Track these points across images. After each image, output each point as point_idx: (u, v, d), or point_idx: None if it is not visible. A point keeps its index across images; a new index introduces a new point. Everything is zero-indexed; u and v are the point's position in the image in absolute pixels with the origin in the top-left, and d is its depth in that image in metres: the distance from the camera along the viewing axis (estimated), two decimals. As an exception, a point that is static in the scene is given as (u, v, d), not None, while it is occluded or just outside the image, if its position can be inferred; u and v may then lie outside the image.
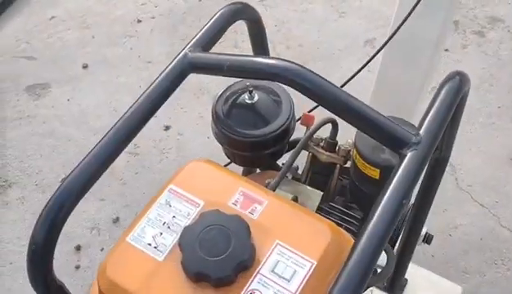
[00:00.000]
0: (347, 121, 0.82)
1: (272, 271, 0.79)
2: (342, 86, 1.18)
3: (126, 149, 2.33)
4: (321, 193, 1.00)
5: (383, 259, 1.13)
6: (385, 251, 1.15)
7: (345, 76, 1.42)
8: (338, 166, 1.02)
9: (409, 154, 0.79)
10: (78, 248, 1.94)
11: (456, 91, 0.88)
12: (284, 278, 0.78)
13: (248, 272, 0.79)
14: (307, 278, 0.78)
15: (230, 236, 0.79)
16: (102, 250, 1.94)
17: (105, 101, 2.38)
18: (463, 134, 2.14)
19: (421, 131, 0.81)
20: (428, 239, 1.56)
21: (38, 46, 2.64)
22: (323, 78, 0.84)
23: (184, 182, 0.90)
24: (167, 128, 2.27)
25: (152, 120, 2.44)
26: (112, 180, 2.12)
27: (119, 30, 2.68)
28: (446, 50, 2.42)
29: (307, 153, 1.04)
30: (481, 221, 1.90)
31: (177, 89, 2.50)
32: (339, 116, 0.83)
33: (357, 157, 0.92)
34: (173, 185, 0.89)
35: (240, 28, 1.11)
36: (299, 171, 1.13)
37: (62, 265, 1.89)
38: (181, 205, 0.87)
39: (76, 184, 0.83)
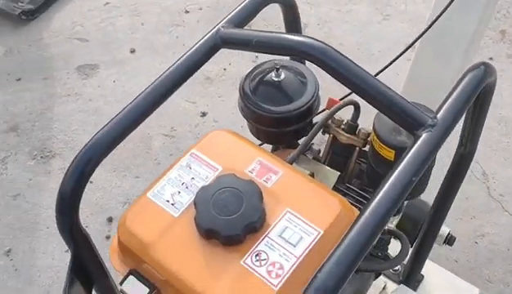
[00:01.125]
0: (365, 99, 0.85)
1: (280, 236, 0.83)
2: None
3: (163, 132, 2.41)
4: (338, 173, 1.03)
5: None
6: (400, 239, 1.17)
7: (381, 78, 1.44)
8: (357, 148, 1.05)
9: (423, 135, 0.81)
10: (110, 220, 2.02)
11: (479, 80, 0.88)
12: (290, 243, 0.82)
13: (256, 234, 0.83)
14: (312, 245, 0.82)
15: (242, 199, 0.83)
16: (132, 224, 2.02)
17: (147, 85, 2.47)
18: (499, 145, 2.11)
19: (438, 115, 0.83)
20: (450, 241, 1.55)
21: (91, 30, 2.77)
22: (346, 57, 0.87)
23: (205, 148, 0.95)
24: (203, 114, 2.33)
25: (190, 106, 2.52)
26: (147, 159, 2.21)
27: (167, 19, 2.78)
28: (491, 58, 2.38)
29: (329, 135, 1.07)
30: (509, 232, 1.86)
31: (217, 79, 2.58)
32: (358, 94, 0.86)
33: (375, 138, 0.94)
34: (195, 150, 0.94)
35: (280, 24, 1.14)
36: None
37: (94, 234, 1.97)
38: (201, 168, 0.92)
39: (104, 140, 0.90)
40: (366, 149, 1.05)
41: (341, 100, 1.16)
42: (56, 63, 2.65)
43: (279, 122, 1.04)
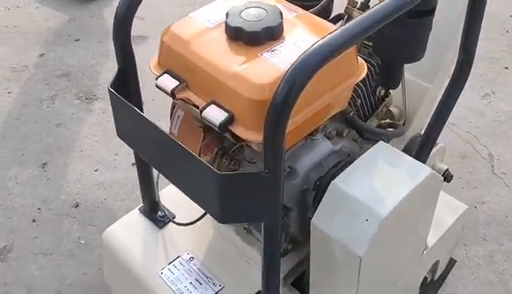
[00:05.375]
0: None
1: (294, 44, 1.01)
2: None
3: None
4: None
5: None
6: (395, 126, 1.32)
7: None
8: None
9: None
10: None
11: None
12: (301, 48, 0.99)
13: (274, 40, 1.01)
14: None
15: (266, 13, 1.03)
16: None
17: (189, 56, 2.73)
18: (506, 134, 2.24)
19: None
20: (447, 177, 1.67)
21: (147, 11, 3.09)
22: None
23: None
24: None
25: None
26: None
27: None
28: (506, 67, 2.56)
29: (345, 15, 1.27)
30: (509, 202, 1.95)
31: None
32: None
33: (380, -2, 1.14)
34: (229, -2, 1.15)
35: None
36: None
37: (122, 160, 2.18)
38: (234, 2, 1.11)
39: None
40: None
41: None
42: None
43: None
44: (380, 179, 1.07)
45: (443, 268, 1.61)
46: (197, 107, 1.02)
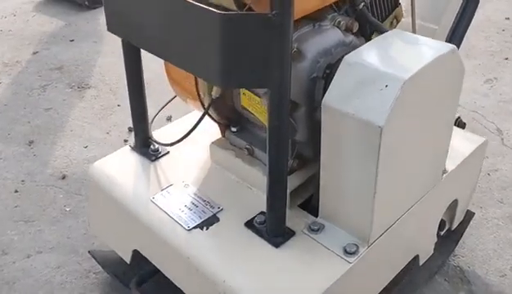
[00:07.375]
0: None
1: None
2: None
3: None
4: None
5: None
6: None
7: None
8: None
9: None
10: (130, 130, 2.11)
11: None
12: None
13: None
14: None
15: None
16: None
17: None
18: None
19: None
20: (459, 124, 1.58)
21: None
22: None
23: None
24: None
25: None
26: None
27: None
28: (507, 58, 2.54)
29: None
30: (523, 170, 1.84)
31: None
32: None
33: None
34: None
35: None
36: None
37: (114, 139, 2.07)
38: None
39: None
40: None
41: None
42: (107, 33, 2.92)
43: None
44: (399, 52, 0.98)
45: (461, 218, 1.48)
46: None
